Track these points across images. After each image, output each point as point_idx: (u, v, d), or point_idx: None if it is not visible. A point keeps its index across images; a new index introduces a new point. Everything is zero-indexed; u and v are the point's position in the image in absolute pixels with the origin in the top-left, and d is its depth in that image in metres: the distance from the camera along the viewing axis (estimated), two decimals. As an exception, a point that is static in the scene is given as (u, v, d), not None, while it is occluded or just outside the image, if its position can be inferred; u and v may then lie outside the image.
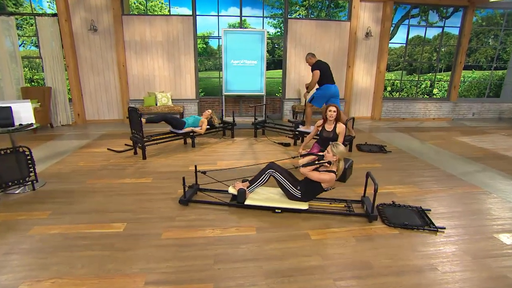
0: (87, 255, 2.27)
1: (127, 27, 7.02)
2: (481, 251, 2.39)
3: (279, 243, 2.44)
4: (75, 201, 3.15)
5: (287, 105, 8.04)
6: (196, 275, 2.04)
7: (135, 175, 3.90)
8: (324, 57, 7.82)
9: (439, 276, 2.10)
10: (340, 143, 3.67)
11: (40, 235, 2.53)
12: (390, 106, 8.41)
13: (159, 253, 2.28)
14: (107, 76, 7.23)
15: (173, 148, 5.21)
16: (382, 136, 6.39)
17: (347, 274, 2.08)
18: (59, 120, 7.07)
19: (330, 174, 2.77)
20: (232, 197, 3.11)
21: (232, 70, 7.14)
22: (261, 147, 5.34)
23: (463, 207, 3.16)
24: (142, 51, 7.21)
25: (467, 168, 4.41)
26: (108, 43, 7.04)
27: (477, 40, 16.27)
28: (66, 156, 4.70)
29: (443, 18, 9.14)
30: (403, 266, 2.18)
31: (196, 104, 7.68)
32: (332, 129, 3.86)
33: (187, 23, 7.18)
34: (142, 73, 7.35)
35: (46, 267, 2.12)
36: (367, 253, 2.33)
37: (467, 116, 8.84)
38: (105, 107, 7.43)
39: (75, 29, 6.84)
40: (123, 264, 2.16)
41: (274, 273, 2.07)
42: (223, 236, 2.52)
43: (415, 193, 3.47)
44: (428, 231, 2.66)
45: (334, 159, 2.80)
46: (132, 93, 7.42)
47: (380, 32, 7.78)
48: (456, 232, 2.67)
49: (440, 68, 17.02)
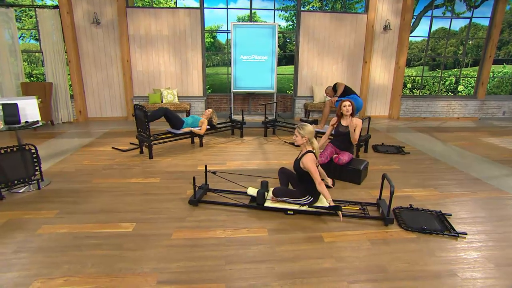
0: (97, 254, 2.43)
1: (131, 20, 7.23)
2: (505, 259, 2.44)
3: (292, 245, 2.56)
4: (81, 201, 3.33)
5: (299, 103, 8.15)
6: (207, 275, 2.17)
7: (143, 175, 4.08)
8: (339, 52, 7.92)
9: (459, 282, 2.17)
10: (357, 135, 3.86)
11: (48, 234, 2.71)
12: (410, 104, 8.43)
13: (170, 253, 2.43)
14: (110, 72, 7.46)
15: (180, 148, 5.38)
16: (400, 136, 6.44)
17: (362, 277, 2.18)
18: (60, 117, 7.32)
19: (308, 157, 2.91)
20: (251, 199, 3.25)
21: (241, 66, 7.29)
22: (272, 147, 5.47)
23: (488, 212, 3.22)
24: (147, 45, 7.42)
25: (494, 171, 4.43)
26: (111, 37, 7.27)
27: (510, 31, 15.99)
28: (69, 155, 4.91)
29: (471, 8, 9.03)
30: (420, 271, 2.27)
31: (204, 102, 7.86)
32: (348, 124, 3.99)
33: (194, 16, 7.36)
34: (147, 69, 7.56)
35: (57, 266, 2.29)
36: (383, 257, 2.43)
37: (496, 115, 8.77)
38: (108, 104, 7.67)
39: (77, 22, 7.07)
40: (133, 263, 2.31)
41: (286, 275, 2.19)
42: (234, 237, 2.65)
43: (434, 197, 3.54)
44: (448, 236, 2.73)
45: (304, 140, 2.98)
46: (137, 90, 7.65)
47: (399, 24, 7.82)
48: (478, 238, 2.72)
49: (466, 63, 16.84)
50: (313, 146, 3.01)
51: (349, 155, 3.98)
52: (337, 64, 7.99)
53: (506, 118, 8.68)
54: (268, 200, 3.15)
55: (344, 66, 8.02)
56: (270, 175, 3.98)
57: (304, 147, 3.03)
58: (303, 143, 3.01)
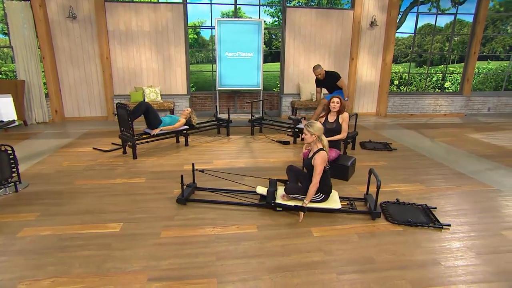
0: (83, 255, 2.48)
1: (110, 15, 7.21)
2: (486, 247, 2.66)
3: (281, 240, 2.70)
4: (64, 202, 3.36)
5: (286, 100, 8.32)
6: (199, 271, 2.28)
7: (127, 175, 4.13)
8: (326, 48, 8.13)
9: (442, 270, 2.37)
10: (344, 129, 4.05)
11: (31, 236, 2.74)
12: (397, 101, 8.75)
13: (160, 251, 2.52)
14: (89, 69, 7.41)
15: (165, 147, 5.44)
16: (387, 133, 6.71)
17: (350, 268, 2.35)
18: (34, 117, 7.18)
19: (321, 155, 3.01)
20: (260, 198, 3.35)
21: (227, 63, 7.39)
22: (259, 146, 5.60)
23: (471, 205, 3.46)
24: (127, 42, 7.42)
25: (478, 166, 4.71)
26: (89, 33, 7.22)
27: (494, 27, 16.77)
28: (47, 156, 4.89)
29: (455, 4, 9.46)
30: (406, 261, 2.45)
31: (188, 100, 7.92)
32: (334, 120, 4.20)
33: (177, 11, 7.42)
34: (128, 66, 7.56)
35: (42, 267, 2.33)
36: (370, 249, 2.60)
37: (482, 111, 9.21)
38: (86, 103, 7.61)
39: (51, 16, 6.98)
40: (122, 262, 2.38)
41: (277, 268, 2.33)
42: (224, 234, 2.77)
43: (420, 191, 3.76)
44: (432, 228, 2.94)
45: (313, 138, 3.11)
46: (117, 88, 7.63)
47: (386, 20, 8.11)
48: (461, 229, 2.94)
49: (452, 59, 17.51)
50: (323, 144, 3.10)
51: (336, 152, 4.16)
52: (324, 61, 8.20)
53: (491, 114, 9.14)
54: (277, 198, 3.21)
55: (331, 63, 8.24)
56: (259, 174, 4.11)
57: (315, 144, 3.12)
58: (313, 141, 3.11)
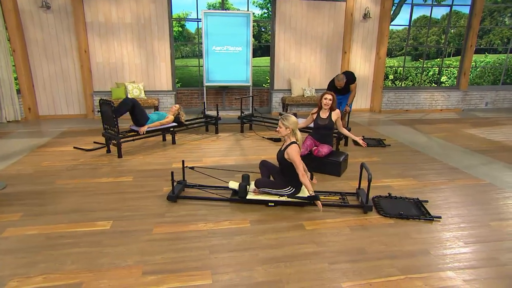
0: (74, 252, 2.65)
1: (88, 6, 7.30)
2: (474, 237, 2.95)
3: (274, 233, 2.93)
4: (48, 202, 3.51)
5: (276, 97, 8.57)
6: (193, 264, 2.48)
7: (113, 174, 4.29)
8: (317, 42, 8.41)
9: (431, 258, 2.64)
10: (341, 126, 4.35)
11: (16, 236, 2.88)
12: (392, 97, 9.11)
13: (153, 246, 2.71)
14: (65, 64, 7.49)
15: (151, 146, 5.62)
16: (382, 129, 7.03)
17: (342, 258, 2.59)
18: (4, 115, 7.14)
19: (292, 148, 3.27)
20: (232, 192, 3.58)
21: (214, 58, 7.59)
22: (249, 143, 5.83)
23: (463, 198, 3.77)
24: (107, 34, 7.52)
25: (472, 161, 5.06)
26: (65, 24, 7.29)
27: (491, 19, 17.38)
28: (23, 156, 4.99)
29: (451, -6, 9.83)
30: (396, 251, 2.71)
31: (173, 96, 8.08)
32: (327, 116, 4.43)
33: (160, 3, 7.56)
34: (108, 60, 7.66)
35: (33, 265, 2.49)
36: (362, 240, 2.86)
37: (479, 106, 9.65)
38: (62, 100, 7.68)
39: (22, 6, 6.99)
40: (116, 258, 2.56)
41: (270, 259, 2.55)
42: (216, 229, 2.98)
43: (413, 186, 4.06)
44: (424, 220, 3.21)
45: (288, 131, 3.36)
46: (97, 84, 7.72)
47: (379, 12, 8.44)
48: (452, 221, 3.24)
49: (449, 53, 18.10)
50: (296, 137, 3.38)
51: (329, 147, 4.42)
52: (316, 55, 8.49)
53: (489, 109, 9.59)
54: (250, 192, 3.50)
55: (323, 57, 8.53)
56: (249, 170, 4.32)
57: (288, 138, 3.39)
58: (287, 134, 3.37)
